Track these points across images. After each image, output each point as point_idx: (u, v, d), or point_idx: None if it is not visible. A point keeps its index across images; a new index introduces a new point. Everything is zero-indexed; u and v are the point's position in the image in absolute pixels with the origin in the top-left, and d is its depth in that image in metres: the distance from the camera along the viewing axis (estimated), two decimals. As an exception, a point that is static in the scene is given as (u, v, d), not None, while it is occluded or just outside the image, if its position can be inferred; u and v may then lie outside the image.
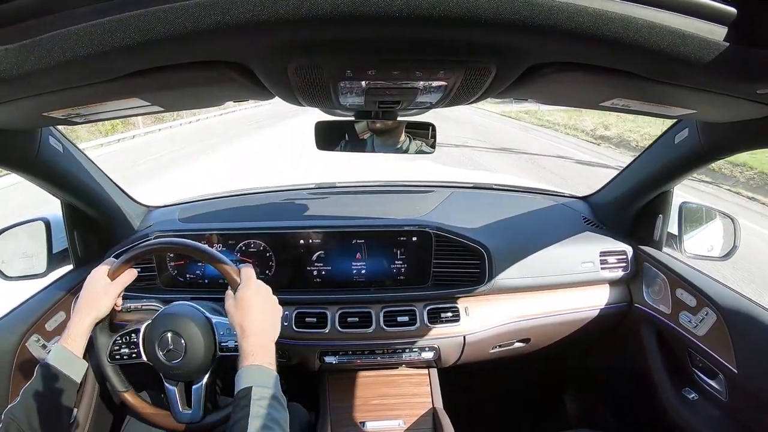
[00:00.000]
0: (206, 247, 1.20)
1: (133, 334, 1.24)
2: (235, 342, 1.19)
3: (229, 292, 1.09)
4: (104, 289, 1.15)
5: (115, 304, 1.20)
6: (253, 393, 0.87)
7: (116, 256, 1.22)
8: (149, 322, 1.25)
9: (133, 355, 1.24)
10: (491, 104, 30.68)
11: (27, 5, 0.54)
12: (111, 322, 1.27)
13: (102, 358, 1.24)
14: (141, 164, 12.92)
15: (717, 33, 0.55)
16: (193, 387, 1.25)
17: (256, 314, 1.03)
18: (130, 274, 1.20)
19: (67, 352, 1.05)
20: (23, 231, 1.52)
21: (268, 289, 1.10)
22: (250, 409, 0.86)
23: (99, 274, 1.16)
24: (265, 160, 11.79)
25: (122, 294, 1.21)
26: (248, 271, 1.10)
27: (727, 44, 0.55)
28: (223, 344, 1.23)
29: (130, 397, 1.27)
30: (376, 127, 1.26)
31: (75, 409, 1.34)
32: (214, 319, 1.25)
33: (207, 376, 1.25)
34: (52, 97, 0.73)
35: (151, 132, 22.01)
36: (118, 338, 1.25)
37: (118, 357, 1.25)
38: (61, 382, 1.02)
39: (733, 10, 0.54)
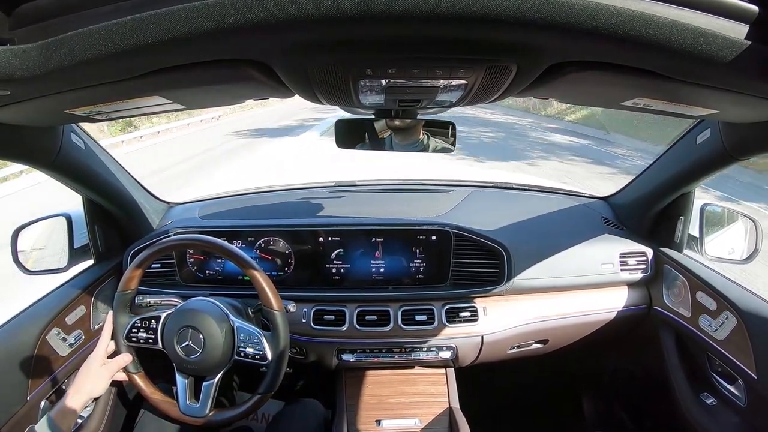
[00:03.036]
0: (264, 275, 1.26)
1: (153, 320, 1.27)
2: (253, 349, 1.23)
3: None
4: (98, 372, 1.21)
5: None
6: None
7: (139, 252, 1.26)
8: (170, 311, 1.27)
9: (150, 341, 1.27)
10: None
11: (49, 5, 0.55)
12: (132, 304, 1.30)
13: (119, 338, 1.27)
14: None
15: (739, 31, 0.54)
16: (204, 383, 1.27)
17: None
18: (124, 358, 1.26)
19: (55, 428, 1.08)
20: (45, 226, 1.55)
21: None
22: None
23: (95, 358, 1.22)
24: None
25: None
26: None
27: (750, 43, 0.54)
28: (241, 349, 1.25)
29: (140, 380, 1.30)
30: (394, 125, 1.26)
31: (93, 401, 1.37)
32: (237, 322, 1.26)
33: (219, 375, 1.26)
34: (73, 95, 0.73)
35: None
36: (138, 321, 1.28)
37: (134, 339, 1.27)
38: None
39: (755, 8, 0.53)
